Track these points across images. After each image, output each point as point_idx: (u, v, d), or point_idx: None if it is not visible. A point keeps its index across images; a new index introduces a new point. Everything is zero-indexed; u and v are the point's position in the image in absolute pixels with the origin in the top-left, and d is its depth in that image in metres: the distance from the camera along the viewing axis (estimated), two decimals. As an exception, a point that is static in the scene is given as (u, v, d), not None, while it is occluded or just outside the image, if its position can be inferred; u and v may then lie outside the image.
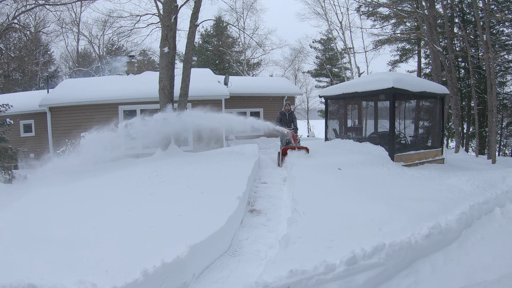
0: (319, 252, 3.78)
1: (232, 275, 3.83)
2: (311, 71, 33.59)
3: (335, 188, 6.20)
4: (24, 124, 13.69)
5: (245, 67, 29.27)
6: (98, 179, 7.21)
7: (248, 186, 6.39)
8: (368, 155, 8.96)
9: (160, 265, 3.35)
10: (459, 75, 20.52)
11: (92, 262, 3.47)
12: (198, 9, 9.51)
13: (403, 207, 5.05)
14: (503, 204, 5.67)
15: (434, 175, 7.58)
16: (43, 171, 8.76)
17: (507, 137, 22.87)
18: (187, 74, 9.37)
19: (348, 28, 25.06)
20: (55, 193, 6.45)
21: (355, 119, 12.68)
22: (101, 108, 11.64)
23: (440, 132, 11.16)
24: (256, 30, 28.56)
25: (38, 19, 25.04)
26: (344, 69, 28.12)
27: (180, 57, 27.49)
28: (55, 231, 4.38)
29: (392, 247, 3.87)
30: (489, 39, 12.81)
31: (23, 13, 19.51)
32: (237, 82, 15.65)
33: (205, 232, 4.15)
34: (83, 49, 29.94)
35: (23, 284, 2.96)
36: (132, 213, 5.01)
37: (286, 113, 9.74)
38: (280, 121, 9.61)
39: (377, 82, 9.56)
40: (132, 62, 15.36)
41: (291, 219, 4.83)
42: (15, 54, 23.36)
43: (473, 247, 4.57)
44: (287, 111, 9.74)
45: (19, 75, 25.25)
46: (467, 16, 19.96)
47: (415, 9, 15.90)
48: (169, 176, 6.99)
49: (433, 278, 3.90)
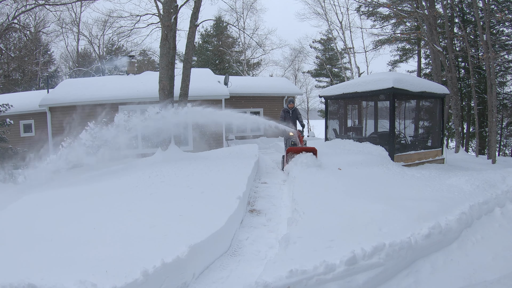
0: (319, 252, 3.78)
1: (232, 275, 3.83)
2: (311, 71, 33.60)
3: (335, 188, 6.20)
4: (24, 124, 13.69)
5: (245, 67, 29.27)
6: (97, 179, 7.22)
7: (248, 186, 6.39)
8: (368, 155, 8.96)
9: (160, 265, 3.35)
10: (459, 75, 20.51)
11: (92, 262, 3.46)
12: (198, 9, 9.51)
13: (403, 207, 5.05)
14: (503, 204, 5.67)
15: (434, 175, 7.58)
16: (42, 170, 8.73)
17: (507, 137, 22.87)
18: (187, 74, 9.37)
19: (348, 28, 25.09)
20: (54, 194, 6.45)
21: (355, 119, 12.68)
22: (101, 108, 11.64)
23: (440, 132, 11.16)
24: (256, 30, 28.61)
25: (38, 19, 25.07)
26: (344, 69, 28.12)
27: (180, 57, 27.48)
28: (55, 231, 4.38)
29: (392, 247, 3.87)
30: (489, 39, 12.81)
31: (23, 13, 19.52)
32: (237, 82, 15.64)
33: (205, 232, 4.15)
34: (83, 49, 29.96)
35: (23, 284, 2.96)
36: (132, 213, 5.01)
37: (290, 110, 9.52)
38: (284, 119, 9.35)
39: (377, 82, 9.56)
40: (132, 62, 15.36)
41: (291, 219, 4.83)
42: (15, 54, 23.36)
43: (473, 247, 4.56)
44: (290, 108, 9.54)
45: (19, 75, 25.26)
46: (467, 16, 19.95)
47: (415, 9, 15.90)
48: (169, 176, 6.99)
49: (433, 278, 3.90)
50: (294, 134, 8.77)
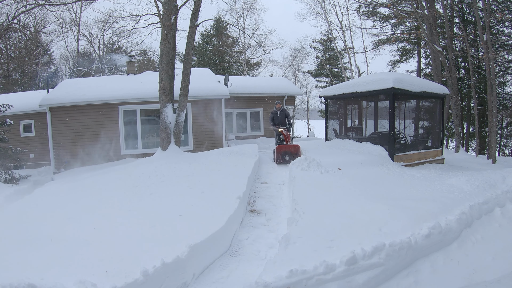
0: (319, 252, 3.78)
1: (232, 275, 3.83)
2: (311, 71, 33.57)
3: (335, 188, 6.20)
4: (24, 124, 13.67)
5: (245, 67, 29.25)
6: (98, 179, 7.22)
7: (248, 186, 6.40)
8: (368, 155, 8.96)
9: (160, 265, 3.35)
10: (459, 75, 20.50)
11: (92, 262, 3.47)
12: (198, 9, 9.50)
13: (403, 207, 5.06)
14: (503, 204, 5.67)
15: (434, 175, 7.59)
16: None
17: (507, 137, 22.85)
18: (187, 74, 9.36)
19: (348, 28, 25.06)
20: (54, 193, 6.45)
21: (355, 119, 12.68)
22: (101, 108, 11.64)
23: (440, 132, 11.16)
24: (256, 30, 28.53)
25: (38, 19, 25.03)
26: (344, 69, 28.11)
27: (180, 57, 27.47)
28: (55, 231, 4.38)
29: (392, 247, 3.87)
30: (489, 39, 12.81)
31: (23, 13, 19.49)
32: (237, 82, 15.63)
33: (205, 232, 4.15)
34: (83, 49, 29.92)
35: (23, 284, 2.96)
36: (132, 213, 5.01)
37: (278, 111, 10.03)
38: (272, 120, 10.02)
39: (377, 82, 9.56)
40: (132, 62, 15.34)
41: (291, 219, 4.83)
42: (15, 54, 23.34)
43: (473, 247, 4.57)
44: (278, 109, 10.03)
45: (19, 75, 25.22)
46: (467, 16, 19.94)
47: (415, 9, 15.90)
48: (169, 176, 6.99)
49: (433, 278, 3.90)
50: (282, 130, 9.67)
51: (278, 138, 9.96)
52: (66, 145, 11.43)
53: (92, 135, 11.53)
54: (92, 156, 11.44)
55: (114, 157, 11.62)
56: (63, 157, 11.48)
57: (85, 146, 11.41)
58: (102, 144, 11.56)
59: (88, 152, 11.45)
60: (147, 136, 12.20)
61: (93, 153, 11.48)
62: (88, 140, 11.46)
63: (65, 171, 11.17)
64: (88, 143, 11.44)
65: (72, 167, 11.32)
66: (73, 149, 11.42)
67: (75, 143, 11.41)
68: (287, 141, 9.62)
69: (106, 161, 11.35)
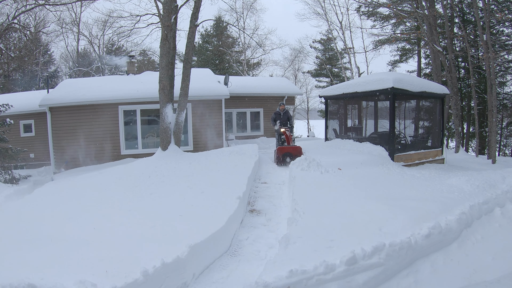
0: (319, 252, 3.78)
1: (232, 275, 3.83)
2: (311, 71, 33.57)
3: (335, 188, 6.20)
4: (24, 124, 13.68)
5: (245, 67, 29.25)
6: (98, 179, 7.21)
7: (248, 186, 6.39)
8: (368, 155, 8.96)
9: (160, 265, 3.35)
10: (459, 75, 20.50)
11: (92, 262, 3.47)
12: (198, 9, 9.49)
13: (403, 207, 5.06)
14: (503, 204, 5.67)
15: (434, 175, 7.59)
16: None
17: (507, 137, 22.85)
18: (187, 74, 9.35)
19: (348, 28, 25.06)
20: (54, 193, 6.45)
21: (355, 119, 12.68)
22: (101, 108, 11.64)
23: (440, 132, 11.16)
24: (256, 30, 28.53)
25: (38, 19, 25.03)
26: (344, 69, 28.11)
27: (180, 57, 27.47)
28: (55, 231, 4.38)
29: (392, 247, 3.87)
30: (489, 39, 12.81)
31: (23, 13, 19.47)
32: (237, 82, 15.63)
33: (205, 232, 4.15)
34: (83, 49, 29.92)
35: (23, 284, 2.96)
36: (132, 213, 5.01)
37: (281, 112, 10.07)
38: (274, 120, 10.06)
39: (377, 82, 9.56)
40: (132, 62, 15.34)
41: (291, 219, 4.83)
42: (15, 54, 23.31)
43: (473, 247, 4.57)
44: (281, 110, 10.08)
45: (19, 75, 25.20)
46: (467, 16, 19.94)
47: (415, 9, 15.90)
48: (169, 176, 6.99)
49: (433, 278, 3.90)
50: (285, 130, 9.63)
51: (280, 139, 9.88)
52: (66, 145, 11.43)
53: (92, 135, 11.54)
54: (92, 156, 11.45)
55: (114, 157, 11.62)
56: (63, 157, 11.48)
57: (85, 146, 11.42)
58: (102, 144, 11.57)
59: (88, 152, 11.46)
60: (147, 136, 12.20)
61: (93, 153, 11.49)
62: (88, 140, 11.46)
63: (65, 171, 11.17)
64: (88, 143, 11.45)
65: (72, 167, 11.32)
66: (73, 149, 11.42)
67: (75, 143, 11.41)
68: (289, 142, 9.53)
69: (106, 161, 11.35)
